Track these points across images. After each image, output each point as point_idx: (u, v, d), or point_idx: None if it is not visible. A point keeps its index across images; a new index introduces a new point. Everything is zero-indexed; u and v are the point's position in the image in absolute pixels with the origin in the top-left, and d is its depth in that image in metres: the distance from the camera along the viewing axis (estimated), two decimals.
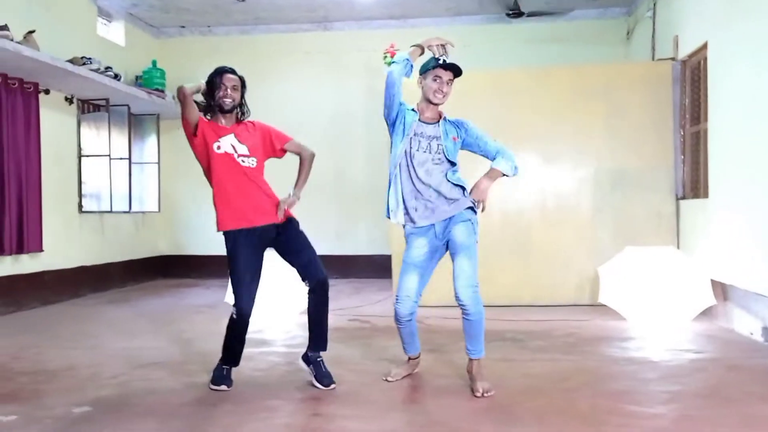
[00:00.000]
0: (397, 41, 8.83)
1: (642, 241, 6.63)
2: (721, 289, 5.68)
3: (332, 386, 3.82)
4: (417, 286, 3.80)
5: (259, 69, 9.59)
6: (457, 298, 3.64)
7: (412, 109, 3.85)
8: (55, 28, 7.26)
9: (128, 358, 4.71)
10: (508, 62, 8.63)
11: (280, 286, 5.69)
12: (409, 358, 4.13)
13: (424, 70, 3.80)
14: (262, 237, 3.86)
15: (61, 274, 7.55)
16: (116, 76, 7.54)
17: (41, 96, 7.09)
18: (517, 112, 6.87)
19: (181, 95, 3.74)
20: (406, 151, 3.77)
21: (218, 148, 3.82)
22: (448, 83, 3.76)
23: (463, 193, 3.79)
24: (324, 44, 9.64)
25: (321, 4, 8.78)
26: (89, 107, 8.02)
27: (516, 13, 7.98)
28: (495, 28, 9.17)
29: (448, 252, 3.84)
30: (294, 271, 3.95)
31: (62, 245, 7.56)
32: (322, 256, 4.00)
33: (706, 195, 6.12)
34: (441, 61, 3.72)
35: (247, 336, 3.97)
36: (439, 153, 3.78)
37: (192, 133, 3.84)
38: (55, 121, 7.47)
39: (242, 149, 3.87)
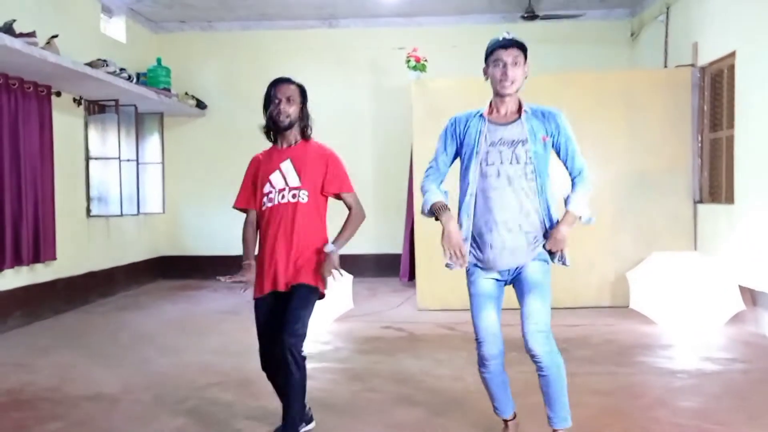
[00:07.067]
0: (404, 40, 8.84)
1: (661, 243, 6.79)
2: (749, 295, 5.85)
3: None
4: (498, 319, 3.06)
5: (262, 66, 9.44)
6: (526, 346, 2.96)
7: (480, 115, 3.08)
8: (62, 26, 6.97)
9: (184, 377, 4.62)
10: None
11: None
12: (506, 422, 3.30)
13: (487, 56, 3.05)
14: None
15: (71, 281, 7.35)
16: (129, 78, 7.33)
17: (52, 98, 6.84)
18: None
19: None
20: (481, 171, 3.00)
21: (269, 199, 3.35)
22: (514, 64, 2.97)
23: (544, 231, 3.06)
24: (329, 42, 9.51)
25: (330, 2, 8.64)
26: (95, 108, 7.78)
27: (531, 15, 7.99)
28: (503, 28, 9.11)
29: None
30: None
31: (72, 251, 7.35)
32: None
33: (730, 200, 6.27)
34: (501, 39, 3.00)
35: None
36: (530, 163, 2.97)
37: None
38: (64, 123, 7.22)
39: (293, 180, 3.32)
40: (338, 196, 3.46)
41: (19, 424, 3.75)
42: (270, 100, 3.37)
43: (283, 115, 3.33)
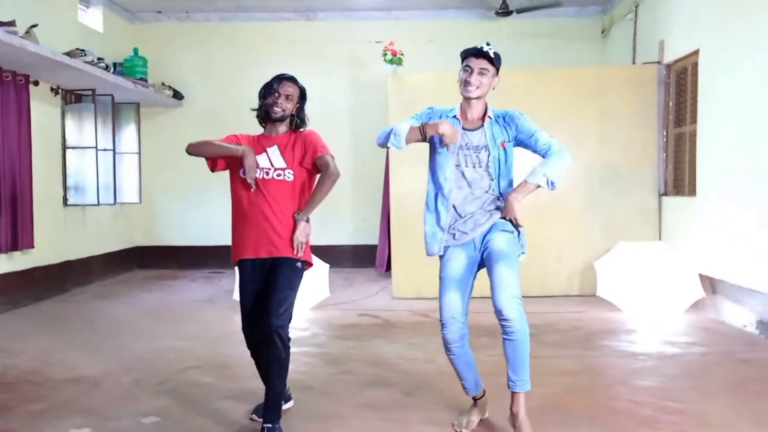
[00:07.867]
0: (381, 33, 8.96)
1: (628, 234, 7.03)
2: (709, 283, 6.11)
3: None
4: (461, 304, 3.25)
5: (240, 58, 9.55)
6: (497, 312, 3.10)
7: (454, 116, 3.31)
8: (40, 15, 6.99)
9: (162, 361, 4.73)
10: None
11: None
12: (474, 400, 3.51)
13: (461, 60, 3.29)
14: (264, 264, 3.45)
15: (49, 269, 7.38)
16: (106, 67, 7.37)
17: (30, 87, 6.87)
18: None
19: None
20: (458, 167, 3.27)
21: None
22: (480, 73, 3.18)
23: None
24: (307, 34, 9.60)
25: None
26: (72, 97, 7.81)
27: (505, 12, 8.17)
28: (478, 23, 9.34)
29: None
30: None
31: (49, 240, 7.38)
32: None
33: (692, 193, 6.52)
34: (477, 48, 3.22)
35: None
36: (489, 166, 3.26)
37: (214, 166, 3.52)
38: (41, 112, 7.24)
39: (279, 162, 3.44)
40: (316, 165, 3.45)
41: (2, 405, 3.83)
42: (269, 90, 3.47)
43: (279, 107, 3.44)
